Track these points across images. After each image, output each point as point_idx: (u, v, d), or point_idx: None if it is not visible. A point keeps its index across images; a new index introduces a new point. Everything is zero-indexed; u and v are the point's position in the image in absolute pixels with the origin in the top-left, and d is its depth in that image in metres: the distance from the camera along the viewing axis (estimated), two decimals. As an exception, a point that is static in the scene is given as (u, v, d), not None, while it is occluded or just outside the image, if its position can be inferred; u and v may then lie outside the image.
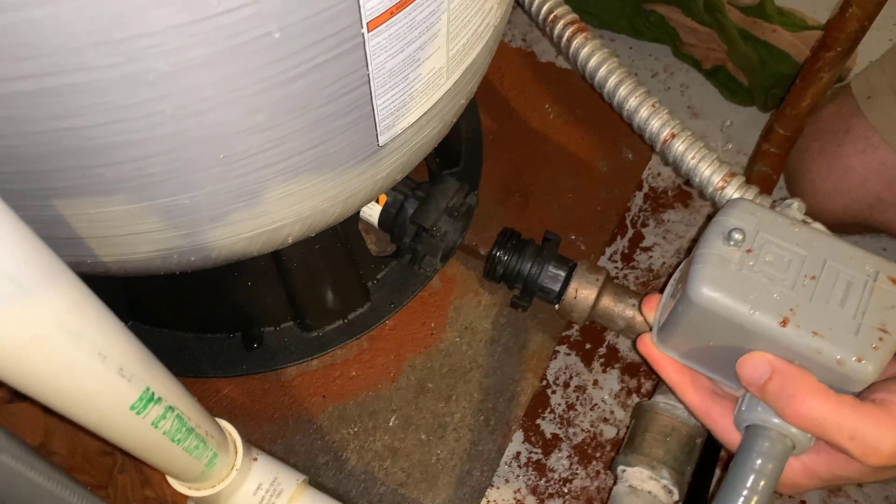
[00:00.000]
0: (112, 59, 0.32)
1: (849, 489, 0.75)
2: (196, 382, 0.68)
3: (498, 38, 0.54)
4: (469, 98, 0.56)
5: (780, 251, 0.45)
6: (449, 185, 0.65)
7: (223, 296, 0.65)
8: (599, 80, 0.69)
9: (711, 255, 0.45)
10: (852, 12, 0.63)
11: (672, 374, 0.51)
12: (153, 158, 0.38)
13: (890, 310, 0.43)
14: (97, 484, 0.64)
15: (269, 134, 0.40)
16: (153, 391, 0.39)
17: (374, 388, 0.68)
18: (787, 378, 0.43)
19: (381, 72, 0.41)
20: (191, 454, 0.46)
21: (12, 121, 0.34)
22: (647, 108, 0.67)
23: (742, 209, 0.47)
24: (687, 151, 0.65)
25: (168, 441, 0.42)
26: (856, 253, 0.45)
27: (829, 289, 0.44)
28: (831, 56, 0.67)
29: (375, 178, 0.49)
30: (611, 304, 0.66)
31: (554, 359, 0.76)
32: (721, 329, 0.45)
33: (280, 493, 0.56)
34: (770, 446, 0.44)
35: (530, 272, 0.67)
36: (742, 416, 0.46)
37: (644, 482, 0.58)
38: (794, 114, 0.73)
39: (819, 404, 0.42)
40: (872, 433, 0.41)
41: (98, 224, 0.43)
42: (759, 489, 0.43)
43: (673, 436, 0.59)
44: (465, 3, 0.43)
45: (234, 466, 0.53)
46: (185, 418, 0.43)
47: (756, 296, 0.44)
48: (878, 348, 0.42)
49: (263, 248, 0.49)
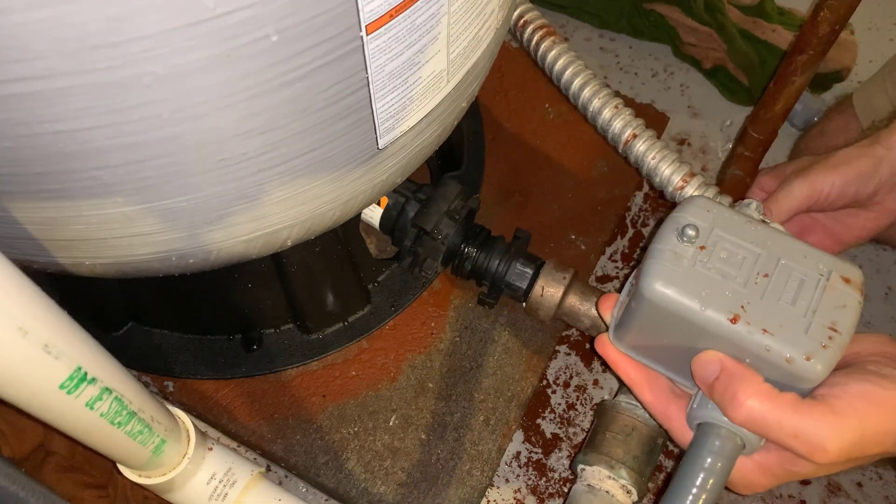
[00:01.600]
0: (108, 62, 0.32)
1: (849, 489, 0.75)
2: (195, 384, 0.68)
3: (499, 42, 0.54)
4: (470, 101, 0.56)
5: (735, 248, 0.45)
6: (450, 188, 0.65)
7: (223, 298, 0.65)
8: (565, 82, 0.70)
9: (665, 251, 0.45)
10: (823, 16, 0.64)
11: (629, 372, 0.51)
12: (150, 161, 0.38)
13: (841, 309, 0.43)
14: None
15: (266, 137, 0.39)
16: (85, 371, 0.38)
17: (374, 388, 0.68)
18: (732, 377, 0.43)
19: (381, 75, 0.41)
20: (134, 439, 0.45)
21: (8, 123, 0.34)
22: (609, 109, 0.68)
23: (698, 206, 0.47)
24: (648, 152, 0.66)
25: (107, 424, 0.41)
26: (811, 252, 0.45)
27: (781, 287, 0.44)
28: (804, 59, 0.67)
29: (375, 182, 0.49)
30: (576, 302, 0.65)
31: (554, 359, 0.75)
32: (674, 326, 0.45)
33: (234, 483, 0.56)
34: (720, 445, 0.44)
35: (498, 269, 0.66)
36: (694, 414, 0.46)
37: (602, 481, 0.58)
38: (767, 117, 0.73)
39: (760, 404, 0.42)
40: (814, 431, 0.41)
41: (95, 226, 0.42)
42: (708, 487, 0.43)
43: (633, 435, 0.59)
44: (466, 7, 0.43)
45: (185, 455, 0.53)
46: (125, 401, 0.42)
47: (707, 292, 0.44)
48: (827, 347, 0.42)
49: (262, 250, 0.49)
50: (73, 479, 0.63)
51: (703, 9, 0.90)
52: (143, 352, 0.68)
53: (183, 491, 0.55)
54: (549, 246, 0.77)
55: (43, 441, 0.65)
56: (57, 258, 0.46)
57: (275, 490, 0.58)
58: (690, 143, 0.94)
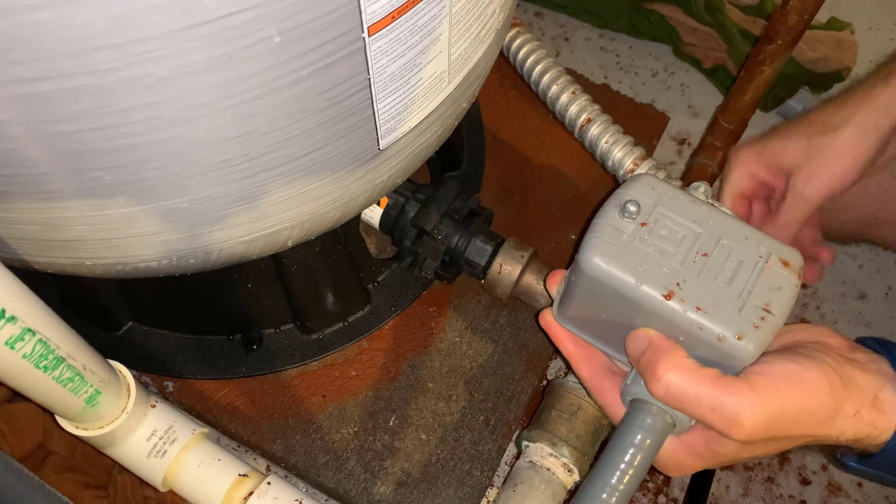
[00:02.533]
0: (110, 63, 0.32)
1: (849, 489, 0.75)
2: (195, 384, 0.68)
3: (500, 42, 0.54)
4: (471, 101, 0.56)
5: (675, 227, 0.45)
6: (450, 188, 0.65)
7: (223, 298, 0.65)
8: (527, 69, 0.71)
9: (605, 225, 0.45)
10: (792, 5, 0.64)
11: (569, 346, 0.51)
12: (151, 162, 0.38)
13: (776, 291, 0.43)
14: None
15: (268, 138, 0.39)
16: (2, 307, 0.38)
17: (374, 388, 0.68)
18: (655, 351, 0.43)
19: (382, 76, 0.41)
20: (64, 386, 0.45)
21: (11, 124, 0.34)
22: (567, 94, 0.68)
23: (643, 184, 0.47)
24: (601, 135, 0.67)
25: (32, 367, 0.41)
26: (753, 234, 0.45)
27: (719, 266, 0.44)
28: (772, 49, 0.68)
29: (375, 182, 0.49)
30: (533, 281, 0.65)
31: (554, 358, 0.75)
32: (611, 300, 0.45)
33: (174, 440, 0.56)
34: (651, 422, 0.44)
35: (457, 245, 0.66)
36: (627, 390, 0.47)
37: (544, 458, 0.58)
38: (737, 107, 0.73)
39: (679, 377, 0.42)
40: (731, 404, 0.41)
41: (96, 227, 0.42)
42: (636, 463, 0.43)
43: (578, 415, 0.59)
44: (467, 8, 0.43)
45: (125, 409, 0.52)
46: (51, 345, 0.42)
47: (644, 268, 0.44)
48: (759, 328, 0.42)
49: (263, 251, 0.49)
50: (73, 479, 0.63)
51: (703, 8, 0.90)
52: (143, 352, 0.68)
53: (122, 446, 0.55)
54: (549, 246, 0.77)
55: (43, 441, 0.65)
56: (58, 258, 0.46)
57: (215, 450, 0.58)
58: (690, 143, 0.94)
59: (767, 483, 0.83)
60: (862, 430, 0.43)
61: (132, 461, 0.56)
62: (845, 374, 0.42)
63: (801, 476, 0.82)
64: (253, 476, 0.57)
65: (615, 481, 0.43)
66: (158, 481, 0.56)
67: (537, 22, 1.11)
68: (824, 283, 0.91)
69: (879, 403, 0.43)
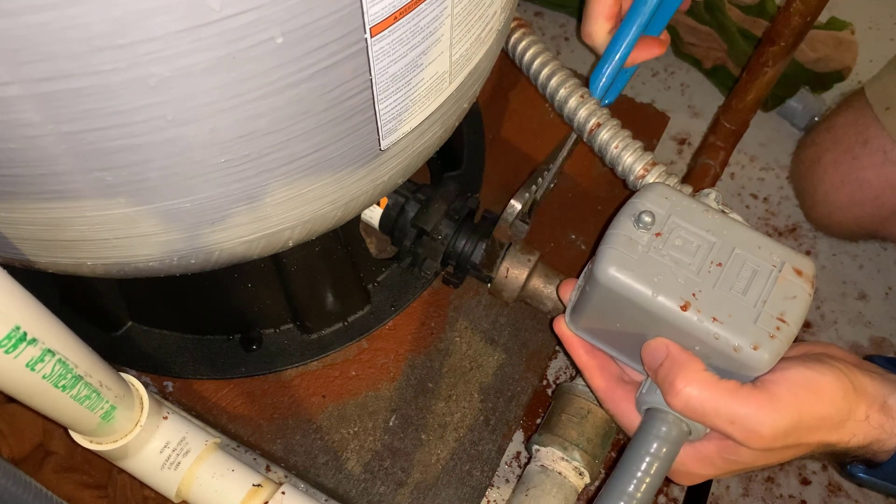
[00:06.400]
0: (113, 64, 0.32)
1: (849, 489, 0.75)
2: (195, 384, 0.68)
3: (501, 43, 0.54)
4: (472, 102, 0.56)
5: (690, 236, 0.45)
6: (450, 188, 0.65)
7: (222, 298, 0.65)
8: (534, 72, 0.71)
9: (620, 236, 0.45)
10: (795, 7, 0.64)
11: (582, 355, 0.52)
12: (153, 163, 0.38)
13: (791, 300, 0.43)
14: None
15: (270, 138, 0.39)
16: (25, 331, 0.37)
17: (374, 388, 0.68)
18: (674, 363, 0.43)
19: (384, 77, 0.41)
20: (81, 404, 0.45)
21: (14, 125, 0.34)
22: (575, 98, 0.68)
23: (656, 193, 0.47)
24: (611, 140, 0.67)
25: (51, 387, 0.41)
26: (766, 243, 0.46)
27: (734, 276, 0.44)
28: (775, 50, 0.68)
29: (376, 183, 0.49)
30: (540, 285, 0.66)
31: (554, 358, 0.76)
32: (626, 311, 0.45)
33: (187, 452, 0.56)
34: (667, 430, 0.44)
35: (464, 249, 0.66)
36: (642, 399, 0.47)
37: (555, 462, 0.58)
38: (740, 107, 0.74)
39: (698, 391, 0.42)
40: (751, 416, 0.41)
41: (97, 227, 0.42)
42: (653, 472, 0.44)
43: (588, 419, 0.59)
44: (469, 8, 0.43)
45: (138, 422, 0.52)
46: (70, 364, 0.42)
47: (660, 279, 0.44)
48: (774, 337, 0.42)
49: (263, 251, 0.49)
50: (73, 479, 0.63)
51: (703, 8, 0.90)
52: (142, 352, 0.68)
53: (136, 458, 0.54)
54: (549, 246, 0.77)
55: (42, 441, 0.64)
56: (59, 258, 0.46)
57: (229, 460, 0.58)
58: (690, 143, 0.95)
59: (767, 483, 0.83)
60: (871, 434, 0.43)
61: (145, 473, 0.56)
62: (856, 379, 0.43)
63: (801, 476, 0.82)
64: (267, 486, 0.57)
65: (632, 489, 0.43)
66: (172, 493, 0.56)
67: (537, 21, 1.11)
68: (824, 283, 0.91)
69: (889, 408, 0.43)
